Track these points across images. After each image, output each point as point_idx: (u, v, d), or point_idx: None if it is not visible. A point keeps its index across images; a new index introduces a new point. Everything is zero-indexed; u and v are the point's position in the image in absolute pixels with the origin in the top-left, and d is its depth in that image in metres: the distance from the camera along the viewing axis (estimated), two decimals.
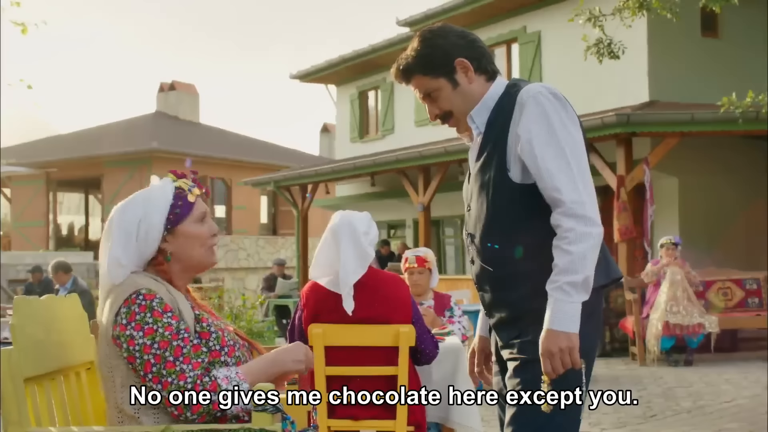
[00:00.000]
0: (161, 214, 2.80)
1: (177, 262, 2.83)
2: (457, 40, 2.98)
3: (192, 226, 2.84)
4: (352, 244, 4.32)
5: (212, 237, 2.89)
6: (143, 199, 2.83)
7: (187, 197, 2.85)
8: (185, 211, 2.84)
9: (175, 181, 2.90)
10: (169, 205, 2.82)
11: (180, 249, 2.83)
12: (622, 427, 7.34)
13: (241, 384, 2.64)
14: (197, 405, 2.58)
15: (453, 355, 5.07)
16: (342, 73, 23.81)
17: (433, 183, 17.04)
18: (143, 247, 2.78)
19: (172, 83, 35.28)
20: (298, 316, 4.47)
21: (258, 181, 22.60)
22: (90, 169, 30.10)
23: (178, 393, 2.57)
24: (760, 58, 15.35)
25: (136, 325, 2.62)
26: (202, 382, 2.60)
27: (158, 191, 2.86)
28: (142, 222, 2.78)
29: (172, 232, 2.82)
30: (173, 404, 2.59)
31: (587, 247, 2.66)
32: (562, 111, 2.79)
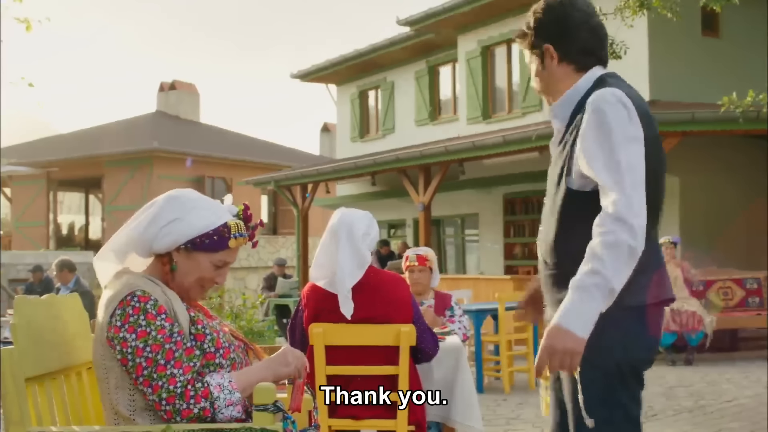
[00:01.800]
0: (193, 232, 2.77)
1: (177, 275, 2.81)
2: (557, 22, 2.91)
3: (206, 261, 2.81)
4: (350, 246, 4.30)
5: (212, 282, 2.85)
6: (193, 207, 2.79)
7: (228, 240, 2.80)
8: (213, 248, 2.79)
9: (236, 216, 2.85)
10: (207, 230, 2.78)
11: (182, 267, 2.80)
12: None
13: (234, 393, 2.63)
14: (187, 410, 2.57)
15: (454, 354, 5.07)
16: (342, 73, 23.82)
17: (433, 182, 17.03)
18: (157, 241, 2.77)
19: (172, 83, 35.27)
20: (299, 316, 4.47)
21: (259, 180, 22.59)
22: (90, 168, 30.09)
23: (168, 397, 2.57)
24: (761, 57, 15.35)
25: (129, 327, 2.62)
26: (194, 387, 2.58)
27: (211, 212, 2.81)
28: (175, 222, 2.76)
29: (189, 251, 2.79)
30: (163, 408, 2.58)
31: (621, 258, 2.55)
32: (625, 121, 2.67)
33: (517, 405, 8.59)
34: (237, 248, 2.84)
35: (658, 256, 2.87)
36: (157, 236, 2.76)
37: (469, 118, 19.37)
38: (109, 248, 2.83)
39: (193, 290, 2.84)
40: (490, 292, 14.12)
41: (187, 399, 2.56)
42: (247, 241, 2.86)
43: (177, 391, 2.57)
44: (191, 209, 2.78)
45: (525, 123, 17.19)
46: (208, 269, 2.82)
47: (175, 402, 2.57)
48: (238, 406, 2.62)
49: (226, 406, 2.59)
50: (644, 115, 2.75)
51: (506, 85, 18.84)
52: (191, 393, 2.57)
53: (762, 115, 11.65)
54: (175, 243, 2.77)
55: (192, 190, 2.90)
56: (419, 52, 21.44)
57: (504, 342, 9.50)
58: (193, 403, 2.56)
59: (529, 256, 19.08)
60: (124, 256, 2.82)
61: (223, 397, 2.60)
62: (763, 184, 16.10)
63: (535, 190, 18.39)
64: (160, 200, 2.81)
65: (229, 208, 2.87)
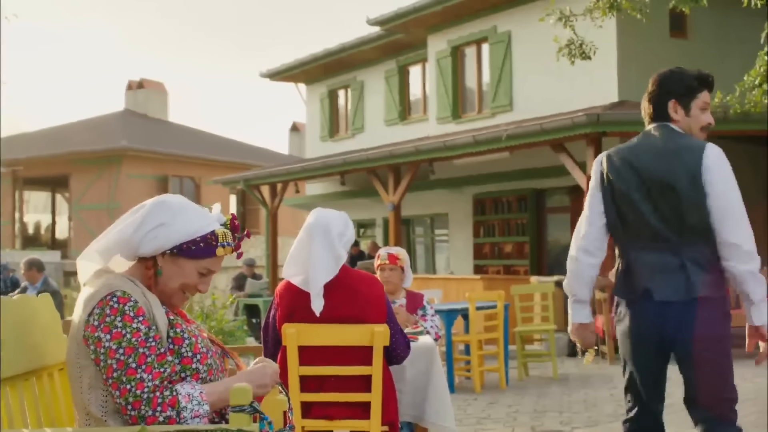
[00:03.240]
0: (181, 238, 2.75)
1: (161, 280, 2.78)
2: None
3: (191, 267, 2.79)
4: (325, 245, 4.29)
5: (195, 289, 2.83)
6: (181, 213, 2.78)
7: (215, 248, 2.78)
8: (199, 255, 2.78)
9: (223, 225, 2.84)
10: (194, 237, 2.76)
11: (166, 272, 2.78)
12: (593, 425, 7.38)
13: (202, 405, 2.60)
14: (152, 417, 2.53)
15: (427, 354, 5.07)
16: (312, 72, 23.79)
17: (403, 182, 17.06)
18: (144, 244, 2.74)
19: (140, 81, 35.08)
20: (272, 315, 4.44)
21: (228, 180, 22.51)
22: (57, 167, 29.86)
23: (135, 401, 2.53)
24: (728, 58, 15.49)
25: (104, 327, 2.59)
26: (162, 395, 2.55)
27: (199, 219, 2.79)
28: (162, 226, 2.74)
29: (174, 256, 2.77)
30: (129, 413, 2.55)
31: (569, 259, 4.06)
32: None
33: (487, 404, 8.62)
34: (222, 257, 2.82)
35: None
36: (144, 240, 2.74)
37: (439, 118, 19.40)
38: (94, 249, 2.80)
39: (176, 296, 2.82)
40: (461, 292, 14.16)
41: (154, 406, 2.53)
42: (233, 251, 2.84)
43: (143, 396, 2.54)
44: (179, 215, 2.77)
45: (495, 123, 17.24)
46: (192, 276, 2.80)
47: (140, 407, 2.54)
48: (205, 418, 2.59)
49: (192, 418, 2.55)
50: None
51: (476, 85, 18.89)
52: (159, 400, 2.54)
53: (729, 116, 11.76)
54: (162, 248, 2.75)
55: (180, 196, 2.89)
56: (389, 52, 21.45)
57: (474, 342, 9.52)
58: (159, 411, 2.53)
59: (498, 256, 19.14)
60: (108, 258, 2.80)
61: (191, 408, 2.57)
62: None
63: (504, 190, 18.47)
64: (149, 204, 2.80)
65: (217, 216, 2.85)
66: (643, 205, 3.76)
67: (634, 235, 3.82)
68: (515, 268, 18.57)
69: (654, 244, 3.76)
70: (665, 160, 3.76)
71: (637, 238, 3.81)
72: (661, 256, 3.74)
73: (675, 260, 3.72)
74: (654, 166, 3.77)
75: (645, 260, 3.78)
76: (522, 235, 18.47)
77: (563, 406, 8.38)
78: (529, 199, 18.16)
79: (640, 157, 3.82)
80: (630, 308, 3.84)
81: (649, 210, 3.75)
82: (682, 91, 3.96)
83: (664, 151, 3.78)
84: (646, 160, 3.80)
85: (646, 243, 3.78)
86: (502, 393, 9.35)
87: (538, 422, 7.59)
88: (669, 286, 3.71)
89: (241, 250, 2.88)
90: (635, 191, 3.79)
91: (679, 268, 3.72)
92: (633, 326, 3.82)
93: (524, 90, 17.30)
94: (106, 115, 34.59)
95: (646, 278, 3.76)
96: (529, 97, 17.09)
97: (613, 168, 3.87)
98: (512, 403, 8.67)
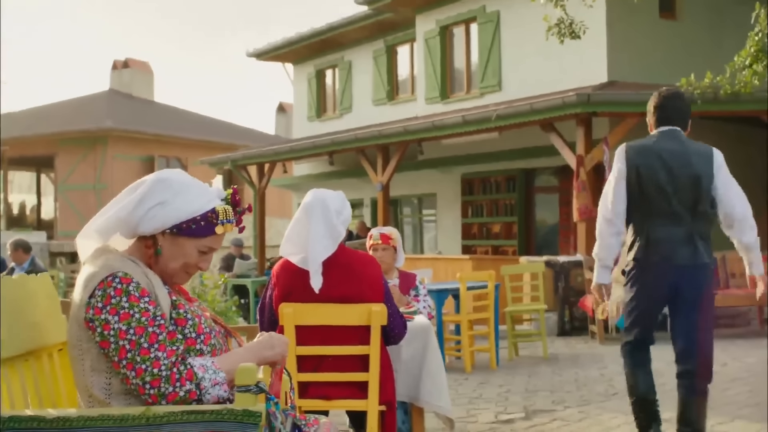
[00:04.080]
0: (181, 217, 2.70)
1: (161, 259, 2.75)
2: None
3: (192, 246, 2.75)
4: (323, 221, 4.26)
5: (196, 267, 2.80)
6: (181, 190, 2.72)
7: (215, 226, 2.74)
8: (200, 234, 2.74)
9: (224, 201, 2.79)
10: (194, 215, 2.71)
11: (166, 252, 2.74)
12: (585, 404, 7.39)
13: (218, 373, 2.58)
14: (173, 393, 2.51)
15: (422, 334, 5.05)
16: (299, 52, 23.69)
17: (392, 162, 17.02)
18: (143, 223, 2.70)
19: (125, 61, 34.80)
20: (269, 295, 4.41)
21: (216, 160, 22.41)
22: (43, 147, 29.65)
23: (153, 380, 2.51)
24: (717, 39, 15.50)
25: (111, 309, 2.54)
26: (178, 370, 2.53)
27: (199, 196, 2.74)
28: (162, 205, 2.69)
29: (174, 235, 2.73)
30: (147, 392, 2.51)
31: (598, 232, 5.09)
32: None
33: (478, 384, 8.62)
34: (223, 234, 2.78)
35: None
36: (143, 219, 2.69)
37: (427, 98, 19.35)
38: (93, 228, 2.75)
39: (178, 275, 2.78)
40: (449, 272, 14.17)
41: (173, 382, 2.50)
42: (234, 227, 2.80)
43: (162, 374, 2.51)
44: (179, 192, 2.71)
45: (483, 103, 17.21)
46: (193, 255, 2.76)
47: (160, 385, 2.50)
48: (224, 385, 2.56)
49: (212, 386, 2.53)
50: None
51: (465, 65, 18.84)
52: (177, 376, 2.51)
53: (719, 96, 11.76)
54: (161, 226, 2.71)
55: (181, 171, 2.82)
56: (377, 32, 21.36)
57: (465, 322, 9.52)
58: (179, 386, 2.50)
59: (486, 236, 19.15)
60: (107, 237, 2.75)
61: (209, 377, 2.54)
62: None
63: (493, 170, 18.47)
64: (149, 181, 2.74)
65: (217, 192, 2.80)
66: (670, 193, 4.84)
67: (656, 215, 4.89)
68: (503, 249, 18.59)
69: (673, 222, 4.86)
70: (689, 159, 4.92)
71: (658, 216, 4.88)
72: (678, 231, 4.86)
73: (687, 235, 4.87)
74: (681, 162, 4.89)
75: (666, 234, 4.87)
76: (510, 216, 18.49)
77: (554, 385, 8.40)
78: (518, 179, 18.16)
79: (669, 157, 4.90)
80: (649, 269, 4.92)
81: (674, 196, 4.84)
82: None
83: (686, 152, 4.96)
84: (674, 159, 4.89)
85: (666, 221, 4.86)
86: (493, 373, 9.36)
87: (529, 402, 7.59)
88: (684, 253, 4.84)
89: (243, 225, 2.84)
90: (666, 182, 4.85)
91: (690, 240, 4.87)
92: (652, 282, 4.94)
93: (513, 70, 17.27)
94: (91, 95, 34.32)
95: (667, 248, 4.85)
96: (517, 78, 17.06)
97: (644, 162, 4.89)
98: (503, 382, 8.67)
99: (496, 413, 7.14)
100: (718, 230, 5.03)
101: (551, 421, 6.79)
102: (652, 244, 4.88)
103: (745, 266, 5.00)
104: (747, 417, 6.65)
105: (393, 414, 4.34)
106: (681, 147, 4.98)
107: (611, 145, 13.12)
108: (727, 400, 7.41)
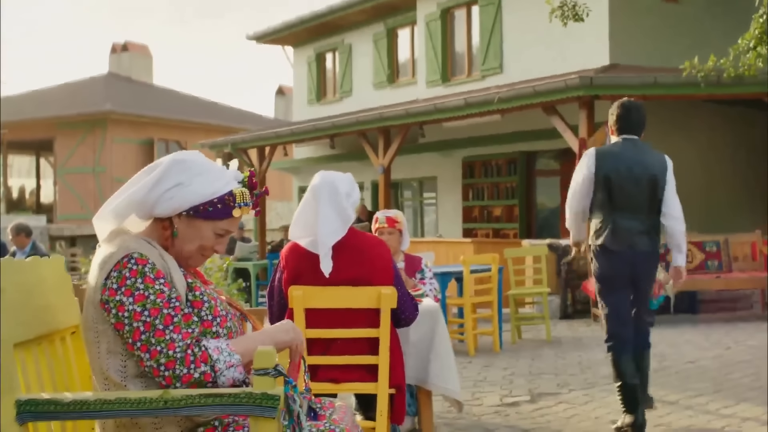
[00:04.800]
0: (197, 199, 2.67)
1: (177, 241, 2.72)
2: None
3: (208, 229, 2.72)
4: (332, 204, 4.23)
5: (212, 250, 2.77)
6: (199, 172, 2.69)
7: (232, 209, 2.71)
8: (216, 216, 2.71)
9: (241, 183, 2.76)
10: (211, 198, 2.69)
11: (183, 234, 2.71)
12: (590, 387, 7.39)
13: (233, 355, 2.56)
14: (188, 375, 2.49)
15: (430, 317, 5.03)
16: (299, 35, 23.59)
17: (393, 145, 16.97)
18: (159, 205, 2.67)
19: (124, 44, 34.69)
20: (278, 278, 4.39)
21: (216, 143, 22.34)
22: (42, 131, 29.59)
23: (167, 362, 2.49)
24: (719, 22, 15.43)
25: (126, 290, 2.52)
26: (193, 352, 2.50)
27: (216, 179, 2.71)
28: (179, 187, 2.66)
29: (191, 218, 2.70)
30: (162, 374, 2.50)
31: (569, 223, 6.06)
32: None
33: (482, 367, 8.62)
34: (240, 217, 2.75)
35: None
36: (160, 200, 2.66)
37: (428, 81, 19.30)
38: (108, 209, 2.72)
39: (193, 258, 2.75)
40: (450, 255, 14.16)
41: (187, 364, 2.49)
42: (250, 210, 2.77)
43: (177, 356, 2.49)
44: (197, 174, 2.68)
45: (485, 86, 17.16)
46: (209, 237, 2.73)
47: (175, 367, 2.49)
48: (239, 366, 2.54)
49: (227, 368, 2.51)
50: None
51: (466, 48, 18.77)
52: (191, 357, 2.49)
53: (723, 79, 11.71)
54: (178, 208, 2.68)
55: (198, 153, 2.79)
56: (377, 14, 21.27)
57: (468, 305, 9.51)
58: (194, 368, 2.48)
59: (487, 219, 19.14)
60: (123, 218, 2.72)
61: (223, 359, 2.52)
62: (723, 147, 16.27)
63: (494, 153, 18.43)
64: (166, 162, 2.70)
65: (234, 174, 2.77)
66: (632, 192, 5.70)
67: (620, 209, 5.70)
68: (504, 232, 18.57)
69: (634, 216, 5.71)
70: (647, 165, 5.73)
71: (622, 210, 5.70)
72: (637, 223, 5.71)
73: (645, 227, 5.73)
74: (641, 167, 5.70)
75: (628, 225, 5.70)
76: (511, 199, 18.46)
77: (558, 368, 8.40)
78: (519, 162, 18.13)
79: (632, 162, 5.70)
80: (613, 255, 5.71)
81: (635, 195, 5.70)
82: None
83: (645, 158, 5.76)
84: (636, 164, 5.70)
85: (628, 214, 5.70)
86: (497, 356, 9.36)
87: (534, 385, 7.60)
88: (642, 242, 5.71)
89: (259, 208, 2.81)
90: (629, 184, 5.68)
91: (647, 231, 5.74)
92: (616, 267, 5.74)
93: (514, 53, 17.20)
94: (90, 79, 34.21)
95: (629, 237, 5.70)
96: (518, 60, 17.00)
97: (612, 166, 5.69)
98: (507, 365, 8.68)
99: (501, 396, 7.14)
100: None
101: (557, 404, 6.80)
102: (616, 233, 5.70)
103: (672, 257, 5.92)
104: (752, 400, 6.66)
105: (403, 397, 4.33)
106: (641, 154, 5.77)
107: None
108: (732, 383, 7.42)
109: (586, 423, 6.13)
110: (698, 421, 6.06)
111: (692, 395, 6.94)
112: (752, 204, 15.81)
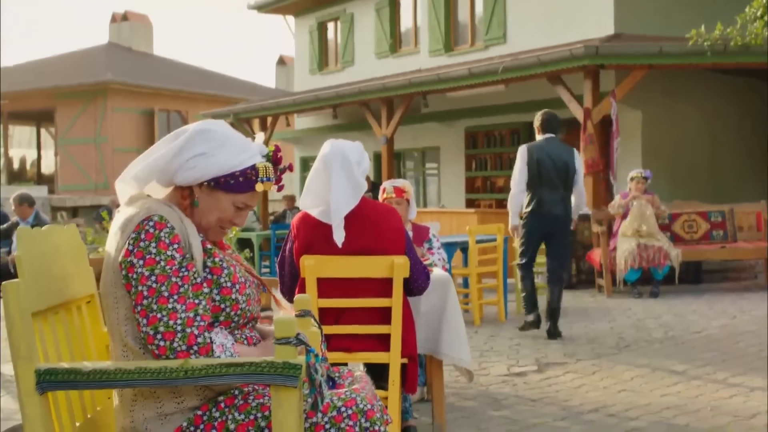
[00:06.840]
0: (220, 171, 2.64)
1: (197, 211, 2.69)
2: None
3: (228, 201, 2.69)
4: (344, 173, 4.18)
5: (231, 223, 2.73)
6: (223, 143, 2.65)
7: (254, 183, 2.67)
8: (238, 189, 2.67)
9: (265, 158, 2.71)
10: (234, 171, 2.65)
11: (203, 204, 2.68)
12: (597, 357, 7.39)
13: (234, 356, 2.53)
14: (185, 353, 2.45)
15: (441, 286, 5.01)
16: (301, 4, 23.43)
17: (396, 115, 16.90)
18: (180, 173, 2.64)
19: (124, 13, 34.49)
20: (289, 248, 4.35)
21: (217, 113, 22.24)
22: (42, 101, 29.47)
23: (166, 332, 2.44)
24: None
25: (138, 252, 2.49)
26: (202, 338, 2.46)
27: (241, 151, 2.66)
28: (202, 156, 2.63)
29: (212, 189, 2.67)
30: (156, 343, 2.45)
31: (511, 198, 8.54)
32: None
33: (489, 337, 8.62)
34: (261, 191, 2.72)
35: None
36: (181, 168, 2.63)
37: (431, 51, 19.19)
38: (131, 175, 2.69)
39: (212, 230, 2.72)
40: (454, 226, 14.13)
41: (190, 343, 2.45)
42: (273, 185, 2.73)
43: (177, 328, 2.45)
44: (221, 145, 2.64)
45: (488, 56, 17.07)
46: (229, 209, 2.70)
47: (174, 339, 2.44)
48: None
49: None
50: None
51: (469, 18, 18.65)
52: (194, 342, 2.45)
53: (729, 48, 11.63)
54: (200, 178, 2.64)
55: (223, 122, 2.74)
56: None
57: (474, 275, 9.50)
58: (194, 355, 2.45)
59: (490, 190, 19.10)
60: (144, 183, 2.70)
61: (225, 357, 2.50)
62: (728, 118, 16.19)
63: (497, 123, 18.36)
64: (190, 131, 2.67)
65: (259, 148, 2.72)
66: (553, 174, 8.24)
67: (544, 185, 8.24)
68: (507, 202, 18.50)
69: (553, 190, 8.25)
70: (563, 155, 8.30)
71: (544, 187, 8.24)
72: (556, 195, 8.26)
73: (561, 198, 8.27)
74: (558, 158, 8.27)
75: (549, 197, 8.25)
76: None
77: (564, 338, 8.40)
78: (522, 132, 18.04)
79: (552, 153, 8.27)
80: (536, 217, 8.29)
81: (555, 176, 8.24)
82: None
83: (561, 151, 8.33)
84: (555, 154, 8.27)
85: (550, 190, 8.24)
86: (502, 326, 9.37)
87: (541, 354, 7.60)
88: (558, 208, 8.26)
89: (283, 183, 2.78)
90: (550, 168, 8.23)
91: (562, 201, 8.28)
92: (537, 225, 8.33)
93: (518, 22, 17.10)
94: (90, 49, 34.05)
95: (549, 205, 8.24)
96: (522, 30, 16.90)
97: (539, 156, 8.27)
98: (513, 335, 8.68)
99: (508, 366, 7.14)
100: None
101: (564, 373, 6.80)
102: (541, 202, 8.26)
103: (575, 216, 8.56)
104: (759, 369, 6.66)
105: (415, 367, 4.31)
106: (558, 147, 8.35)
107: (618, 98, 13.03)
108: (739, 353, 7.42)
109: (595, 393, 6.12)
110: (706, 390, 6.05)
111: (700, 365, 6.94)
112: (758, 173, 15.78)
